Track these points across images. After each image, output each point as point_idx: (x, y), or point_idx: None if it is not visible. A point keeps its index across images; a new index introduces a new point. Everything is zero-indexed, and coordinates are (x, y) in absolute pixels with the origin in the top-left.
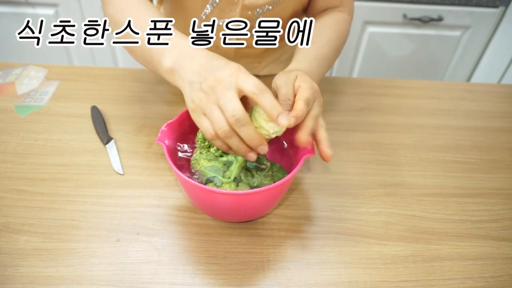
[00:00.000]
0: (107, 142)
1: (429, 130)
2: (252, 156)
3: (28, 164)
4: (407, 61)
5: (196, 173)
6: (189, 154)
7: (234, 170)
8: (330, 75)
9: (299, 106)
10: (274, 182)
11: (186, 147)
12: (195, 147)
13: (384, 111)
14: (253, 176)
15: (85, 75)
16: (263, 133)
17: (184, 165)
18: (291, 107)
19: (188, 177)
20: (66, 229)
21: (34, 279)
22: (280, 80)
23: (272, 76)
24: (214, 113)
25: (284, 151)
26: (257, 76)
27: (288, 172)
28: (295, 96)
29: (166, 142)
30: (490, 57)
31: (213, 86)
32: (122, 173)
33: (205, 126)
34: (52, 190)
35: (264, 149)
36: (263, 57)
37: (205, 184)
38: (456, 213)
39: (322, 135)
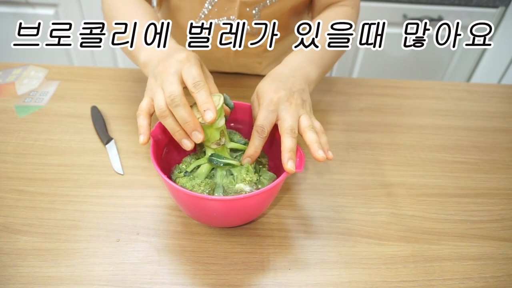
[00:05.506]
0: (107, 142)
1: (429, 130)
2: (187, 144)
3: (28, 164)
4: (407, 61)
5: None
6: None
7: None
8: (330, 75)
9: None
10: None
11: None
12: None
13: (384, 111)
14: (233, 177)
15: (85, 75)
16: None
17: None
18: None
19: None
20: (66, 229)
21: (34, 279)
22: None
23: None
24: (157, 94)
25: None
26: (259, 75)
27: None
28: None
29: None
30: (490, 57)
31: (161, 71)
32: (122, 173)
33: (148, 106)
34: (52, 190)
35: (197, 136)
36: (263, 57)
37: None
38: (456, 213)
39: (310, 137)
